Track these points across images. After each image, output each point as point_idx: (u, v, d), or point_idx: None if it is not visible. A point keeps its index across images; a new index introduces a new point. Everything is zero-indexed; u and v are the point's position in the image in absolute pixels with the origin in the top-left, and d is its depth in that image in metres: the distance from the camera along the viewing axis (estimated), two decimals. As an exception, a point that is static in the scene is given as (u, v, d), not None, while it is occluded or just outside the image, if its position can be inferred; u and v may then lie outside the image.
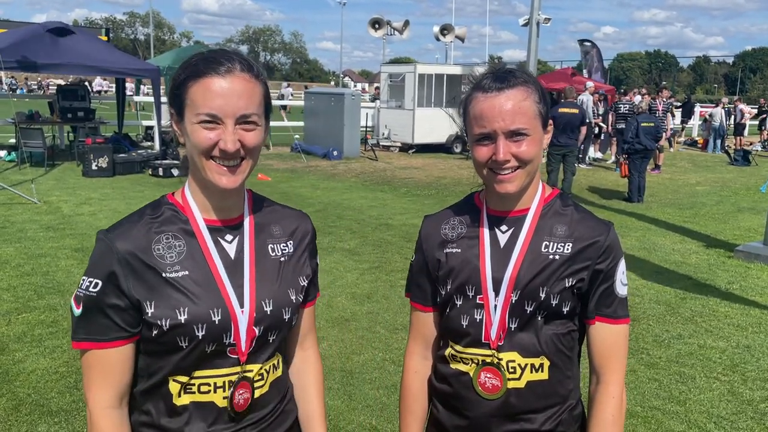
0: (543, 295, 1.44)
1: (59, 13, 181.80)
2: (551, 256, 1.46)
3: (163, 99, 14.86)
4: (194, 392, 1.33)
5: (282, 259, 1.43)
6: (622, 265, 1.51)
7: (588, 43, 20.42)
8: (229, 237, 1.37)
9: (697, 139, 23.15)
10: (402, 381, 1.69)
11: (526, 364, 1.47)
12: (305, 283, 1.47)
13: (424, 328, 1.65)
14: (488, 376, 1.48)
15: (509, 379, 1.47)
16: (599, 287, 1.48)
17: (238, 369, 1.34)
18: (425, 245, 1.61)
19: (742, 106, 21.52)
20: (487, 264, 1.49)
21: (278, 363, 1.45)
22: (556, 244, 1.47)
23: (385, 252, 7.21)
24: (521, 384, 1.47)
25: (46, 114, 15.62)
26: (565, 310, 1.47)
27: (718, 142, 20.50)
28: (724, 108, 20.66)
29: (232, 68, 1.27)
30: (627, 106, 15.57)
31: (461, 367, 1.53)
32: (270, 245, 1.42)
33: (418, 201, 10.62)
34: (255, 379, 1.37)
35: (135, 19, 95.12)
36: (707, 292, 6.14)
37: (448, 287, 1.53)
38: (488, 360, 1.48)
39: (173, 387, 1.33)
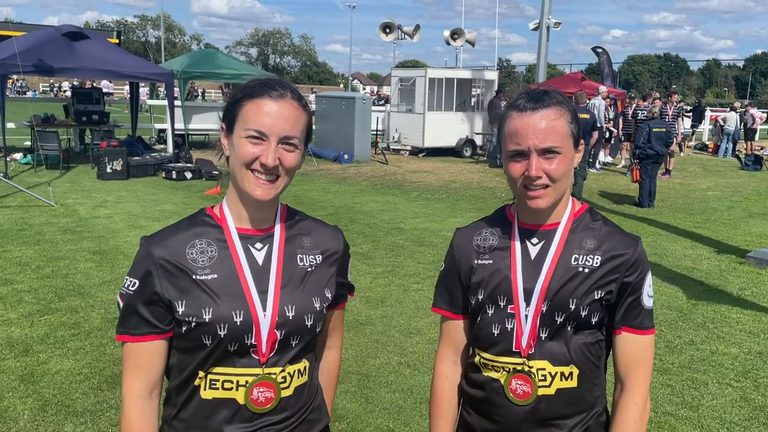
0: (573, 306, 1.51)
1: (71, 15, 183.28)
2: (580, 269, 1.53)
3: (177, 102, 15.01)
4: (218, 388, 1.43)
5: (309, 269, 1.51)
6: (649, 278, 1.57)
7: (599, 50, 20.44)
8: (258, 245, 1.48)
9: (707, 143, 23.08)
10: (433, 385, 1.75)
11: (556, 372, 1.54)
12: (330, 295, 1.55)
13: (455, 335, 1.71)
14: (519, 383, 1.55)
15: (540, 387, 1.54)
16: (627, 299, 1.55)
17: (259, 370, 1.43)
18: (458, 255, 1.67)
19: (753, 110, 21.42)
20: (519, 275, 1.56)
21: (304, 370, 1.51)
22: (585, 257, 1.54)
23: (397, 256, 7.28)
24: (551, 391, 1.54)
25: (62, 117, 15.80)
26: (594, 320, 1.54)
27: (730, 146, 20.44)
28: (737, 112, 20.59)
29: (284, 94, 1.41)
30: (645, 112, 15.56)
31: (492, 374, 1.59)
32: (299, 255, 1.51)
33: (429, 205, 10.69)
34: (278, 381, 1.46)
35: (146, 21, 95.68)
36: (719, 298, 6.17)
37: (480, 297, 1.60)
38: (519, 368, 1.55)
39: (199, 381, 1.44)
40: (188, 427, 1.45)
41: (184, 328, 1.40)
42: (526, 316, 1.54)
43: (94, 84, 23.40)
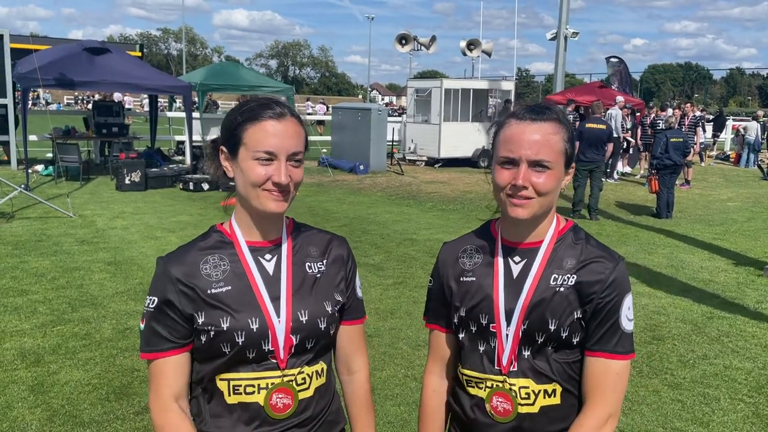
0: (552, 327, 1.50)
1: (95, 29, 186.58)
2: (558, 289, 1.51)
3: (195, 114, 15.20)
4: (241, 393, 1.48)
5: (318, 275, 1.58)
6: (627, 300, 1.53)
7: (615, 59, 20.29)
8: (268, 256, 1.54)
9: (729, 153, 22.76)
10: (421, 399, 1.75)
11: (539, 390, 1.53)
12: (341, 299, 1.60)
13: (443, 349, 1.71)
14: (500, 400, 1.54)
15: (522, 404, 1.53)
16: (603, 321, 1.51)
17: (279, 373, 1.49)
18: (442, 272, 1.68)
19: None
20: (500, 294, 1.55)
21: (322, 371, 1.58)
22: (563, 277, 1.52)
23: (409, 267, 7.27)
24: (535, 409, 1.53)
25: (82, 129, 16.07)
26: (575, 340, 1.52)
27: (752, 156, 20.13)
28: (759, 122, 20.29)
29: (284, 113, 1.47)
30: (663, 122, 15.41)
31: (475, 391, 1.59)
32: (307, 263, 1.58)
33: (443, 216, 10.66)
34: (298, 382, 1.51)
35: (168, 35, 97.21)
36: (735, 311, 6.06)
37: (462, 313, 1.60)
38: (500, 385, 1.54)
39: (222, 385, 1.49)
40: None
41: (203, 339, 1.46)
42: (507, 335, 1.54)
43: (114, 97, 23.79)
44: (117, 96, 31.02)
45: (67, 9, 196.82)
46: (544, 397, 1.53)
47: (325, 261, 1.60)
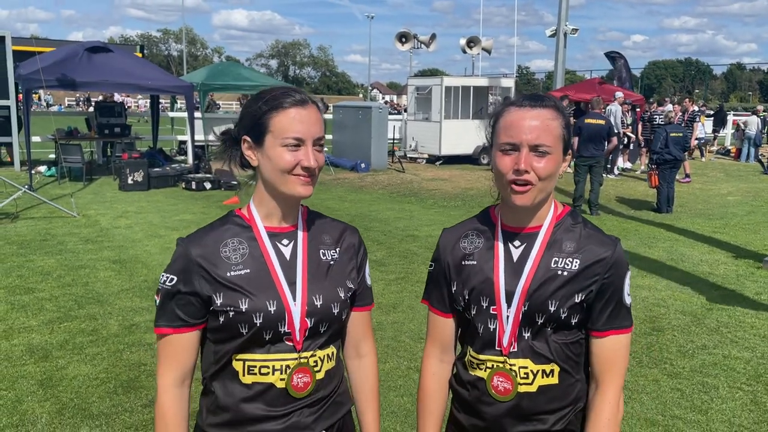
0: (552, 309, 1.55)
1: (95, 30, 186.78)
2: (560, 272, 1.57)
3: (197, 114, 15.26)
4: (256, 374, 1.54)
5: (331, 262, 1.64)
6: (628, 278, 1.61)
7: (616, 54, 20.32)
8: (285, 241, 1.60)
9: (730, 148, 22.78)
10: (420, 382, 1.80)
11: (538, 370, 1.58)
12: (353, 286, 1.66)
13: (442, 333, 1.76)
14: (500, 380, 1.60)
15: (521, 384, 1.58)
16: (609, 301, 1.58)
17: (295, 355, 1.55)
18: (443, 256, 1.73)
19: (775, 114, 21.13)
20: (501, 277, 1.61)
21: (332, 355, 1.64)
22: (564, 260, 1.58)
23: (411, 263, 7.33)
24: (533, 388, 1.58)
25: (84, 130, 16.14)
26: (574, 321, 1.58)
27: (752, 150, 20.16)
28: (759, 116, 20.31)
29: (306, 100, 1.53)
30: (662, 117, 15.45)
31: (478, 372, 1.65)
32: (321, 250, 1.64)
33: (444, 212, 10.72)
34: (311, 365, 1.57)
35: (168, 35, 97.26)
36: (734, 302, 6.11)
37: (465, 297, 1.65)
38: (500, 366, 1.60)
39: (237, 366, 1.54)
40: (230, 413, 1.55)
41: (221, 319, 1.51)
42: (508, 316, 1.59)
43: (115, 97, 23.85)
44: (117, 97, 31.07)
45: (67, 11, 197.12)
46: (543, 377, 1.58)
47: (338, 249, 1.65)
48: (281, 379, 1.53)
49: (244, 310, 1.49)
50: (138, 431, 3.62)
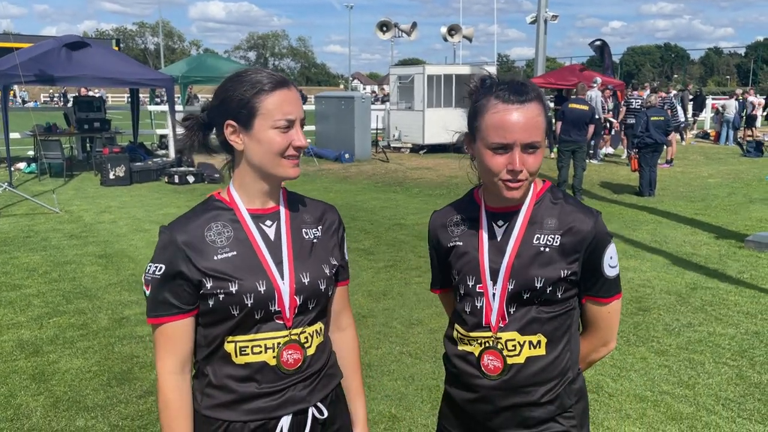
0: (538, 285, 1.59)
1: (69, 25, 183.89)
2: (542, 248, 1.61)
3: (178, 108, 15.12)
4: (248, 353, 1.55)
5: (314, 240, 1.67)
6: (609, 250, 1.64)
7: (598, 42, 20.44)
8: (268, 222, 1.62)
9: (709, 131, 23.08)
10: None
11: (525, 341, 1.62)
12: (336, 262, 1.70)
13: (450, 306, 1.84)
14: (490, 358, 1.64)
15: (509, 356, 1.62)
16: (588, 272, 1.63)
17: (285, 333, 1.57)
18: (434, 239, 1.80)
19: (752, 98, 21.42)
20: (486, 256, 1.65)
21: (320, 330, 1.67)
22: (546, 236, 1.61)
23: (399, 251, 7.37)
24: (521, 359, 1.62)
25: (63, 126, 15.93)
26: (560, 295, 1.62)
27: (731, 133, 20.45)
28: (737, 100, 20.60)
29: (287, 80, 1.55)
30: (639, 101, 15.62)
31: (467, 348, 1.68)
32: (304, 229, 1.66)
33: (430, 201, 10.76)
34: (302, 341, 1.60)
35: (145, 29, 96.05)
36: (718, 281, 6.23)
37: (455, 277, 1.71)
38: (490, 343, 1.64)
39: (229, 348, 1.56)
40: (225, 393, 1.57)
41: (211, 303, 1.52)
42: (494, 294, 1.63)
43: (90, 92, 23.53)
44: (95, 92, 30.61)
45: (41, 6, 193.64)
46: (530, 348, 1.62)
47: (320, 227, 1.69)
48: (273, 357, 1.55)
49: (234, 292, 1.51)
50: (134, 421, 3.62)
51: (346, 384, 1.79)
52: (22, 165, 14.11)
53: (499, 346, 1.62)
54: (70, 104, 19.01)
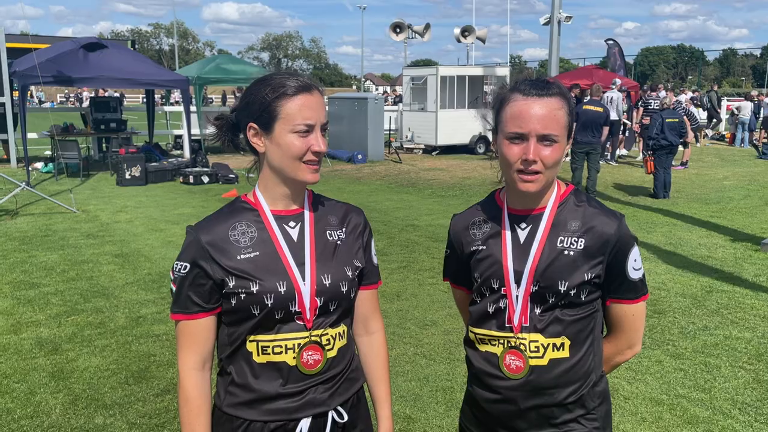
0: (562, 288, 1.60)
1: (84, 26, 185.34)
2: (566, 251, 1.62)
3: (193, 108, 15.24)
4: (269, 353, 1.58)
5: (338, 242, 1.68)
6: (633, 252, 1.66)
7: (611, 41, 20.36)
8: (292, 224, 1.64)
9: (724, 133, 22.88)
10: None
11: (548, 344, 1.63)
12: (360, 264, 1.70)
13: (463, 303, 1.87)
14: (513, 358, 1.65)
15: (532, 357, 1.63)
16: (613, 274, 1.64)
17: (306, 333, 1.59)
18: (455, 241, 1.79)
19: (767, 99, 21.21)
20: (509, 259, 1.65)
21: (344, 333, 1.68)
22: (570, 239, 1.62)
23: (412, 252, 7.38)
24: (544, 362, 1.63)
25: (80, 126, 16.10)
26: (584, 297, 1.63)
27: (746, 135, 20.26)
28: (753, 101, 20.40)
29: (311, 85, 1.56)
30: (657, 101, 15.51)
31: (490, 348, 1.69)
32: (328, 231, 1.68)
33: (443, 202, 10.77)
34: (323, 343, 1.61)
35: (159, 30, 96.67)
36: (734, 284, 6.19)
37: (477, 280, 1.71)
38: (513, 343, 1.65)
39: (251, 347, 1.58)
40: (246, 392, 1.59)
41: (233, 301, 1.55)
42: (517, 296, 1.64)
43: (107, 92, 23.74)
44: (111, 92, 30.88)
45: (56, 7, 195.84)
46: (553, 350, 1.63)
47: (344, 229, 1.69)
48: (293, 357, 1.57)
49: (255, 292, 1.53)
50: (152, 419, 3.66)
51: (372, 390, 1.79)
52: (39, 165, 14.27)
53: (522, 346, 1.63)
54: (84, 104, 19.20)
